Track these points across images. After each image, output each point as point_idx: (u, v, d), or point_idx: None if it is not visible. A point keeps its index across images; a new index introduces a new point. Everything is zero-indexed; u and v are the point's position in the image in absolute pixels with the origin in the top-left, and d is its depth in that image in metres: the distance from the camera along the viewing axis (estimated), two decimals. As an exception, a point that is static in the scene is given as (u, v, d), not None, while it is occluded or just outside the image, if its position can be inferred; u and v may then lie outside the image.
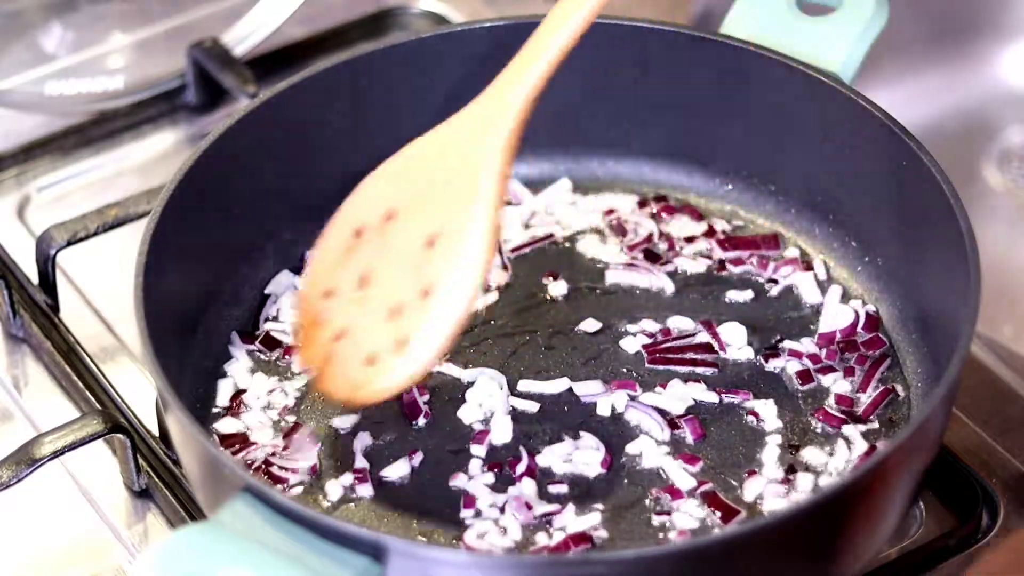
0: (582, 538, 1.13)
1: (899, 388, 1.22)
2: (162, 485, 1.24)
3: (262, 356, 1.25)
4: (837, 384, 1.21)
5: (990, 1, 1.59)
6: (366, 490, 1.17)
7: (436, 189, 1.12)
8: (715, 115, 1.31)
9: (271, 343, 1.25)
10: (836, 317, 1.25)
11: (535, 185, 1.35)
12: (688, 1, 1.59)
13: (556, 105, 1.31)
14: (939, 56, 1.60)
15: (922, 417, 1.07)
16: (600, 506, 1.16)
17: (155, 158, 1.50)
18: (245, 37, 1.53)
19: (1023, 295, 1.47)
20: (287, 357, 1.25)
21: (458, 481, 1.17)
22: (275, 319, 1.27)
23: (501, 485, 1.17)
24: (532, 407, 1.21)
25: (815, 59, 1.26)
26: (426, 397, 1.22)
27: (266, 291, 1.28)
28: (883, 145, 1.22)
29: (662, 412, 1.20)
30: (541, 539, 1.14)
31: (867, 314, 1.25)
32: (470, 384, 1.23)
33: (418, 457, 1.19)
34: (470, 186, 1.11)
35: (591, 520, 1.15)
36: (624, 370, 1.23)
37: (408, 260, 1.12)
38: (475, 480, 1.17)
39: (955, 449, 1.24)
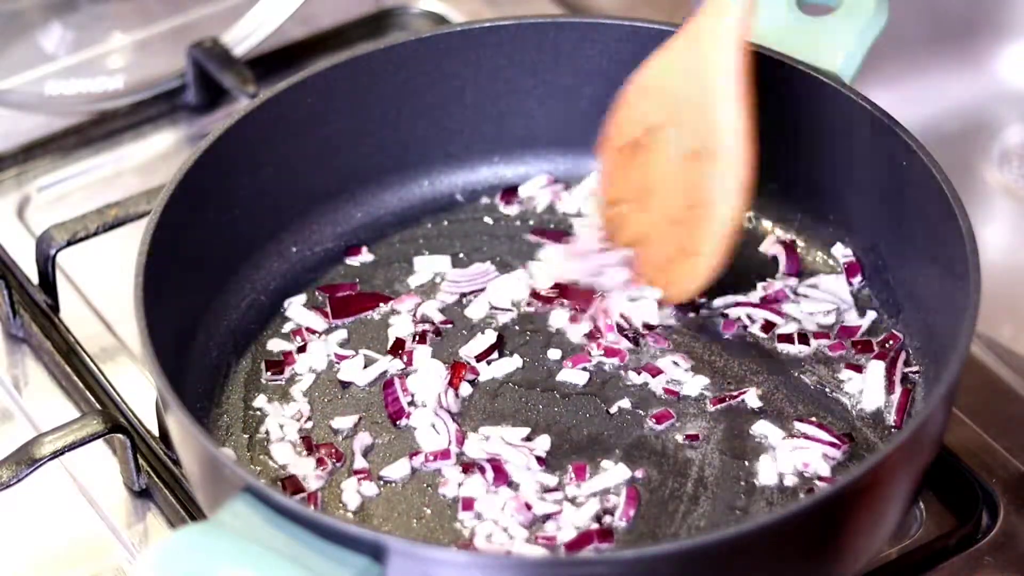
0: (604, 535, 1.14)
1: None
2: (162, 485, 1.24)
3: (269, 382, 1.24)
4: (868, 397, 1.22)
5: (990, 1, 1.59)
6: (367, 489, 1.17)
7: (684, 105, 1.16)
8: None
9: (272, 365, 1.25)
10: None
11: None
12: (688, 1, 1.59)
13: (556, 105, 1.34)
14: (939, 56, 1.60)
15: (922, 417, 1.06)
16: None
17: (155, 158, 1.50)
18: (245, 37, 1.53)
19: (1023, 295, 1.47)
20: (286, 371, 1.25)
21: (448, 488, 1.17)
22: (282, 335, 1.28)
23: (498, 485, 1.17)
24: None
25: (815, 59, 1.26)
26: (409, 398, 1.22)
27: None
28: (883, 145, 1.22)
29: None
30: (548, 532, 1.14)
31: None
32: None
33: (418, 458, 1.19)
34: (712, 104, 1.15)
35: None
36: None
37: (677, 174, 1.17)
38: (470, 482, 1.17)
39: (955, 449, 1.24)
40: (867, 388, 1.21)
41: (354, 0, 1.61)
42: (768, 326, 1.25)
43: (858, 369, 1.22)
